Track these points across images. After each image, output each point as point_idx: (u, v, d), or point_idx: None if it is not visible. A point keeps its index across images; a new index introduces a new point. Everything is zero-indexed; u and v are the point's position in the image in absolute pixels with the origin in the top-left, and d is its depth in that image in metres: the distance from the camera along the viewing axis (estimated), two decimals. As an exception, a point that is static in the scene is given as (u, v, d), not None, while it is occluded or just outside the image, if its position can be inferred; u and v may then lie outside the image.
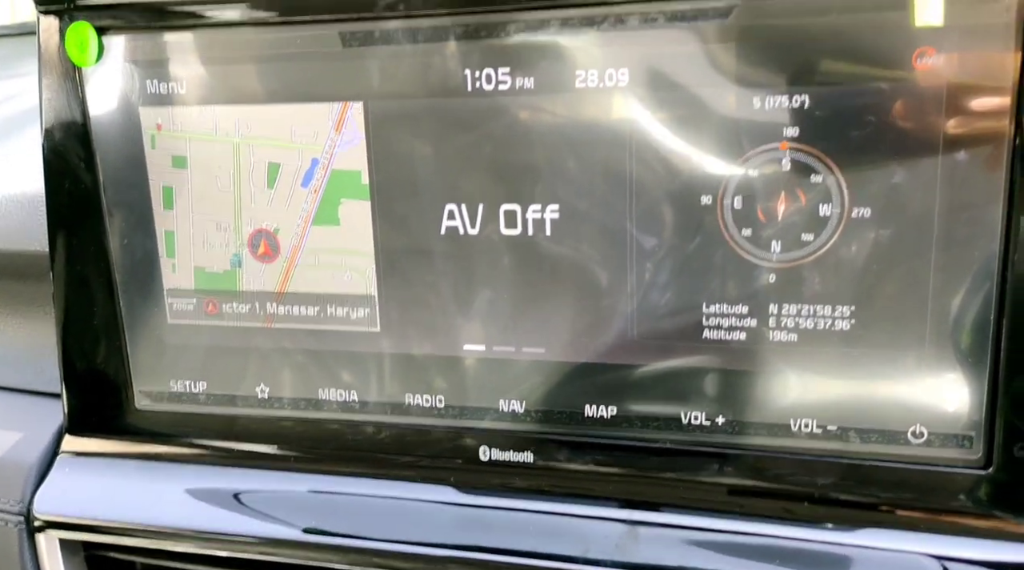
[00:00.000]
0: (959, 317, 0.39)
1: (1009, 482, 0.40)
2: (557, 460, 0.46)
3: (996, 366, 0.39)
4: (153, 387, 0.52)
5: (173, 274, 0.50)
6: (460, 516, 0.47)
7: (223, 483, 0.50)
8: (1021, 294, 0.38)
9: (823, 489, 0.42)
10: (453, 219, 0.45)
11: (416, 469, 0.48)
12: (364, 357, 0.48)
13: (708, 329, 0.43)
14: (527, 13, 0.42)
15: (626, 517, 0.45)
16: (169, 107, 0.48)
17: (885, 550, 0.41)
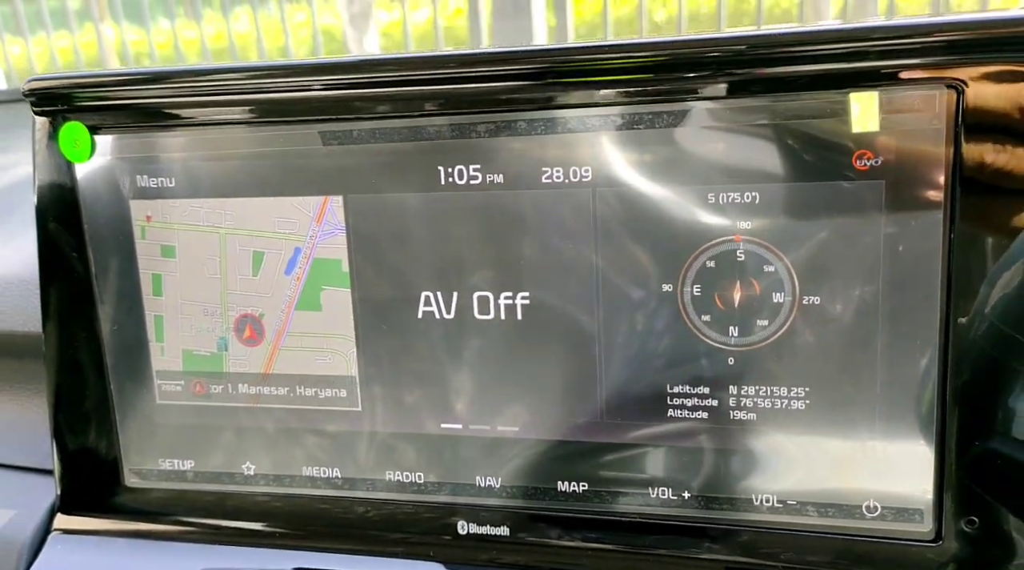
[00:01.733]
0: (906, 398, 0.42)
1: (958, 555, 0.42)
2: (532, 533, 0.48)
3: (943, 443, 0.41)
4: (143, 465, 0.54)
5: (162, 357, 0.52)
6: (439, 592, 0.48)
7: (210, 562, 0.51)
8: (962, 376, 0.40)
9: (785, 561, 0.44)
10: (429, 305, 0.48)
11: (397, 545, 0.50)
12: (346, 435, 0.50)
13: (672, 409, 0.45)
14: (495, 115, 0.44)
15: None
16: (158, 200, 0.50)
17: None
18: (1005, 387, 0.40)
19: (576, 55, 0.42)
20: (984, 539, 0.41)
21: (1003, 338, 0.40)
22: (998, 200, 0.39)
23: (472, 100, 0.44)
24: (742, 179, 0.42)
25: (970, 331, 0.40)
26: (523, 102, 0.44)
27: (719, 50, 0.40)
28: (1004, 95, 0.38)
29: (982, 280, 0.39)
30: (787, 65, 0.40)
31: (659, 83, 0.42)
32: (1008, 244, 0.39)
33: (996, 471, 0.41)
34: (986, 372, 0.40)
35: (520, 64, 0.43)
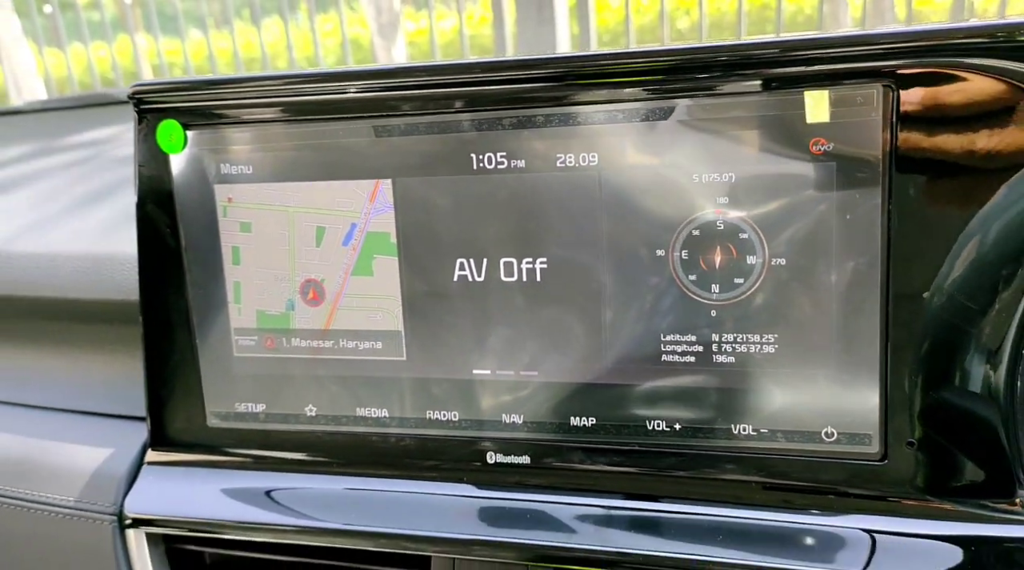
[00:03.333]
0: (855, 342, 0.51)
1: (901, 469, 0.51)
2: (549, 461, 0.57)
3: (886, 380, 0.50)
4: (222, 408, 0.64)
5: (239, 316, 0.62)
6: (471, 507, 0.58)
7: (279, 484, 0.61)
8: (900, 323, 0.49)
9: (758, 479, 0.53)
10: (463, 270, 0.57)
11: (436, 471, 0.59)
12: (393, 381, 0.60)
13: (665, 354, 0.54)
14: (517, 111, 0.54)
15: (605, 504, 0.56)
16: (237, 184, 0.60)
17: (809, 526, 0.52)
18: (936, 333, 0.49)
19: (584, 63, 0.52)
20: (921, 456, 0.50)
21: (933, 291, 0.49)
22: (926, 176, 0.48)
23: (498, 99, 0.54)
24: (720, 163, 0.51)
25: (905, 286, 0.49)
26: (541, 101, 0.53)
27: (700, 58, 0.50)
28: (930, 92, 0.47)
29: (915, 243, 0.48)
30: (754, 70, 0.49)
31: (653, 85, 0.51)
32: (935, 213, 0.48)
33: (930, 402, 0.50)
34: (920, 320, 0.49)
35: (538, 70, 0.52)
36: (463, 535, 0.56)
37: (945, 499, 0.50)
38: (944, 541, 0.49)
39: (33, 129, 1.16)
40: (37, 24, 3.54)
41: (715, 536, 0.53)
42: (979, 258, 0.48)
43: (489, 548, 0.56)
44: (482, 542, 0.56)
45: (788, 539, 0.52)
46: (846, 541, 0.51)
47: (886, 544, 0.51)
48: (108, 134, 1.09)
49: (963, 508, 0.50)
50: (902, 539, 0.50)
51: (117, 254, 0.71)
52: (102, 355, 0.73)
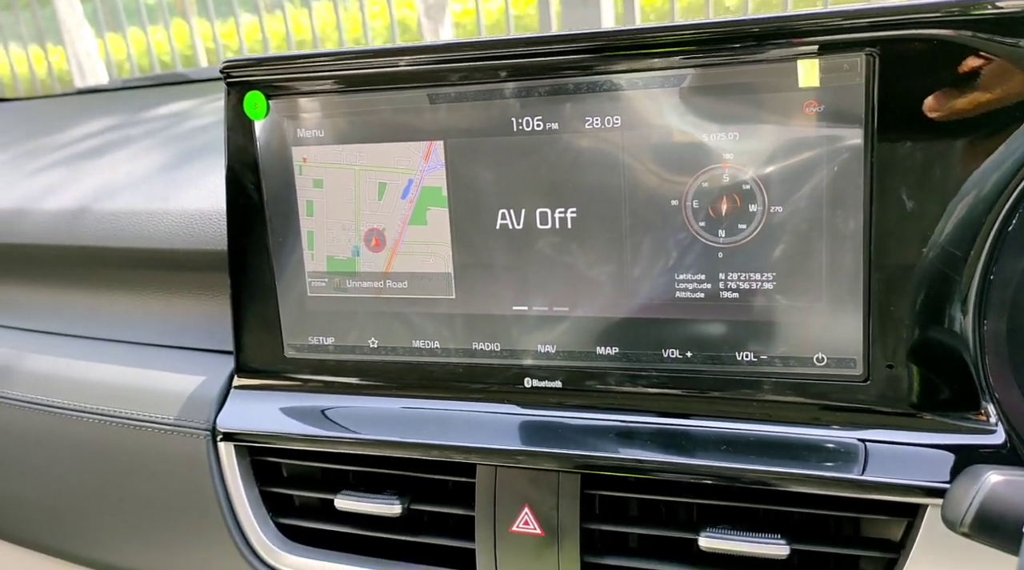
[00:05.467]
0: (843, 278, 0.58)
1: (882, 388, 0.58)
2: (578, 384, 0.66)
3: (868, 311, 0.58)
4: (297, 341, 0.74)
5: (312, 261, 0.72)
6: (511, 424, 0.67)
7: (344, 404, 0.71)
8: (881, 261, 0.57)
9: (760, 398, 0.62)
10: (504, 219, 0.66)
11: (480, 393, 0.68)
12: (443, 317, 0.69)
13: (679, 291, 0.63)
14: (551, 81, 0.62)
15: (626, 420, 0.64)
16: (311, 146, 0.70)
17: (805, 436, 0.60)
18: (912, 270, 0.57)
19: (609, 38, 0.60)
20: (899, 377, 0.58)
21: (910, 233, 0.56)
22: (904, 132, 0.55)
23: (535, 70, 0.62)
24: (726, 124, 0.59)
25: (885, 230, 0.57)
26: (572, 71, 0.62)
27: (709, 33, 0.58)
28: (906, 59, 0.54)
29: (894, 192, 0.56)
30: (755, 42, 0.57)
31: (668, 57, 0.59)
32: (912, 165, 0.55)
33: (906, 331, 0.57)
34: (898, 260, 0.57)
35: (569, 44, 0.61)
36: (504, 446, 0.65)
37: (922, 412, 0.58)
38: (923, 447, 0.57)
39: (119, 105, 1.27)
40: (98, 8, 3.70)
41: (721, 446, 0.62)
42: (952, 208, 0.55)
43: (527, 457, 0.65)
44: (521, 452, 0.65)
45: (787, 448, 0.60)
46: (839, 449, 0.59)
47: (874, 451, 0.59)
48: (185, 107, 1.20)
49: (937, 419, 0.57)
50: (887, 447, 0.58)
51: (206, 209, 0.81)
52: (194, 298, 0.84)
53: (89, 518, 0.83)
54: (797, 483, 0.59)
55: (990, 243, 0.55)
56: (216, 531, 0.75)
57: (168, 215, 0.83)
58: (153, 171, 0.93)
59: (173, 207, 0.83)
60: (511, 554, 0.67)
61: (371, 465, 0.71)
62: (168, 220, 0.82)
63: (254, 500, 0.74)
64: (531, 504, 0.66)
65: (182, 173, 0.90)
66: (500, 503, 0.66)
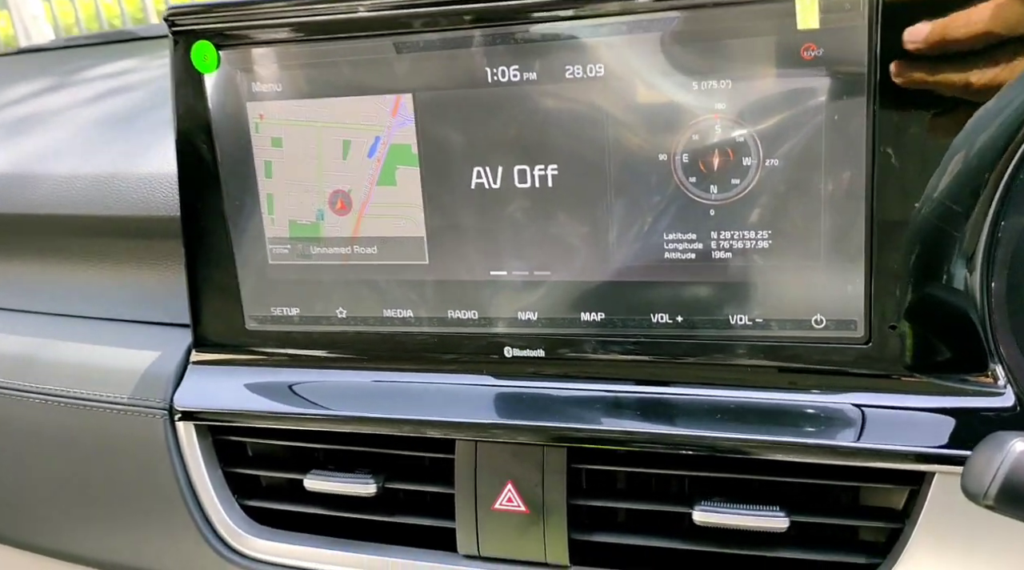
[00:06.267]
0: (843, 235, 0.55)
1: (883, 351, 0.55)
2: (562, 353, 0.62)
3: (870, 270, 0.55)
4: (259, 312, 0.69)
5: (272, 226, 0.67)
6: (492, 396, 0.63)
7: (312, 379, 0.67)
8: (884, 217, 0.53)
9: (755, 364, 0.58)
10: (480, 177, 0.61)
11: (457, 364, 0.64)
12: (417, 284, 0.65)
13: (668, 252, 0.59)
14: (528, 26, 0.57)
15: (614, 390, 0.61)
16: (268, 101, 0.64)
17: (803, 403, 0.57)
18: (916, 227, 0.53)
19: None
20: (902, 339, 0.55)
21: (915, 187, 0.53)
22: (909, 79, 0.51)
23: (510, 15, 0.57)
24: (718, 71, 0.55)
25: (889, 183, 0.53)
26: (550, 16, 0.57)
27: (699, -31, 0.53)
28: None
29: (899, 144, 0.52)
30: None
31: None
32: (918, 114, 0.52)
33: (909, 290, 0.54)
34: (901, 216, 0.53)
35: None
36: (484, 420, 0.62)
37: (925, 375, 0.55)
38: (926, 412, 0.54)
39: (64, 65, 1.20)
40: (44, -30, 3.55)
41: (714, 415, 0.58)
42: (958, 161, 0.52)
43: (509, 431, 0.61)
44: (502, 426, 0.61)
45: (785, 416, 0.57)
46: (838, 415, 0.56)
47: (875, 417, 0.56)
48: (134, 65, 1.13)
49: (941, 382, 0.54)
50: (889, 412, 0.55)
51: (159, 173, 0.75)
52: (148, 268, 0.78)
53: (43, 506, 0.78)
54: (796, 452, 0.56)
55: (998, 198, 0.52)
56: (178, 516, 0.70)
57: (118, 180, 0.77)
58: (101, 133, 0.86)
59: (124, 171, 0.78)
60: (494, 533, 0.63)
61: (342, 443, 0.67)
62: (118, 185, 0.77)
63: (218, 482, 0.70)
64: (514, 480, 0.62)
65: (133, 135, 0.84)
66: (481, 480, 0.63)
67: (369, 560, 0.66)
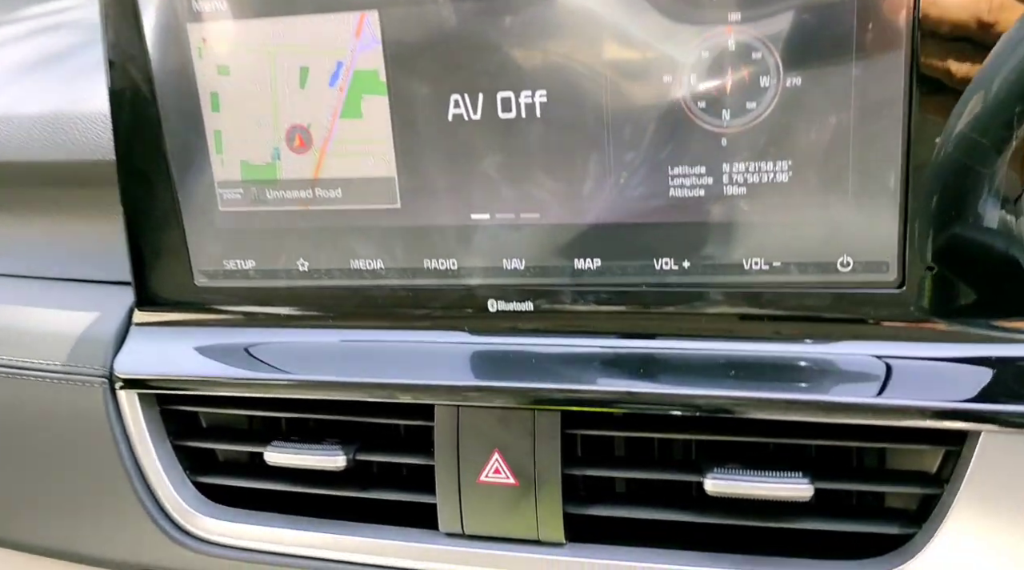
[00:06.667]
0: (875, 165, 0.48)
1: (919, 296, 0.49)
2: (553, 306, 0.55)
3: (905, 204, 0.48)
4: (209, 266, 0.61)
5: (222, 168, 0.59)
6: (474, 355, 0.56)
7: (271, 339, 0.60)
8: (924, 144, 0.47)
9: (771, 313, 0.52)
10: (458, 107, 0.54)
11: (435, 320, 0.57)
12: (388, 231, 0.57)
13: (673, 189, 0.52)
14: (514, -75, 0.50)
15: (613, 345, 0.54)
16: (212, 22, 0.56)
17: (823, 356, 0.51)
18: (957, 157, 0.47)
19: None
20: (938, 282, 0.48)
21: (961, 108, 0.46)
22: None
23: (492, -86, 0.50)
24: (733, -26, 0.47)
25: (930, 102, 0.46)
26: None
27: None
28: None
29: (943, 54, 0.45)
30: None
31: None
32: (965, 19, 0.45)
33: (948, 228, 0.48)
34: (942, 143, 0.47)
35: None
36: (467, 382, 0.55)
37: (965, 322, 0.49)
38: (968, 363, 0.48)
39: None
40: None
41: (727, 372, 0.52)
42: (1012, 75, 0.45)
43: (495, 394, 0.55)
44: (487, 388, 0.55)
45: (805, 371, 0.51)
46: (866, 369, 0.50)
47: (908, 370, 0.50)
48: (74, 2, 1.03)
49: (979, 330, 0.49)
50: (918, 363, 0.50)
51: (92, 111, 0.67)
52: (82, 220, 0.70)
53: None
54: (819, 412, 0.50)
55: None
56: (123, 496, 0.63)
57: (46, 120, 0.68)
58: (25, 67, 0.77)
59: (51, 110, 0.69)
60: (479, 508, 0.57)
61: (307, 410, 0.61)
62: (46, 126, 0.68)
63: (166, 457, 0.63)
64: (501, 449, 0.56)
65: (61, 69, 0.75)
66: (464, 449, 0.56)
67: (339, 540, 0.60)
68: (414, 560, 0.59)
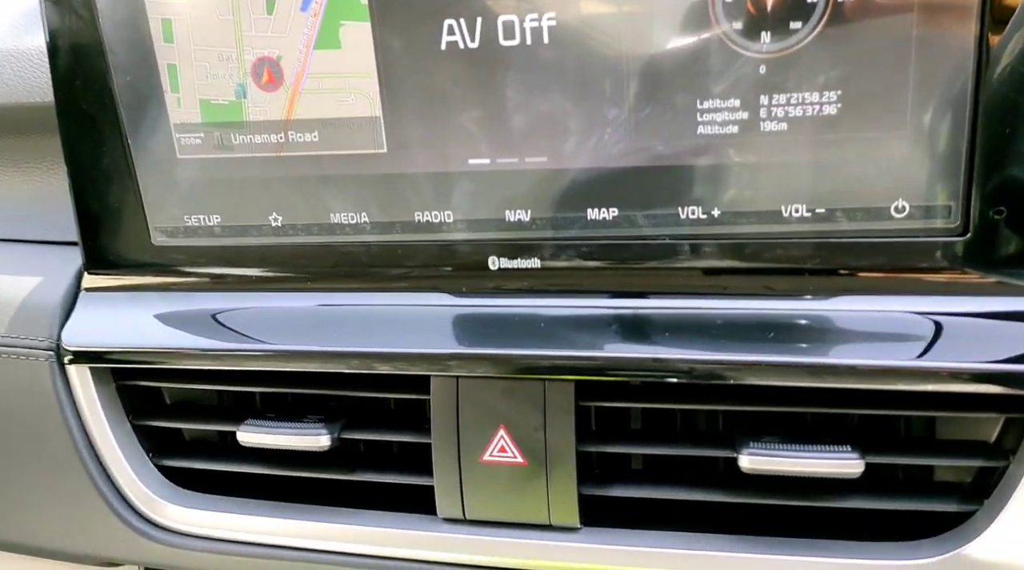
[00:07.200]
0: (939, 94, 0.42)
1: (985, 244, 0.43)
2: (563, 263, 0.49)
3: (973, 139, 0.42)
4: (168, 223, 0.54)
5: (179, 109, 0.52)
6: (475, 320, 0.50)
7: (242, 305, 0.53)
8: (998, 71, 0.41)
9: (813, 267, 0.46)
10: (452, 34, 0.47)
11: (428, 280, 0.51)
12: (373, 179, 0.50)
13: (702, 125, 0.45)
14: None
15: (632, 306, 0.48)
16: (163, -64, 0.48)
17: (878, 314, 0.45)
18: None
19: None
20: (1009, 227, 0.42)
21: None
22: None
23: None
24: None
25: (1007, 27, 0.40)
26: None
27: None
28: None
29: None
30: None
31: None
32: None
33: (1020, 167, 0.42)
34: (1019, 70, 0.40)
35: None
36: (467, 349, 0.49)
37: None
38: (1022, 320, 0.43)
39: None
40: None
41: (764, 333, 0.46)
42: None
43: (499, 363, 0.49)
44: (490, 357, 0.49)
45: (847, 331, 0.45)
46: (913, 328, 0.45)
47: (960, 327, 0.45)
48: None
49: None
50: (978, 321, 0.45)
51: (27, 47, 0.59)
52: (21, 173, 0.63)
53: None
54: (869, 378, 0.44)
55: None
56: (78, 482, 0.57)
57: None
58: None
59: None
60: (482, 490, 0.51)
61: (284, 384, 0.54)
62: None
63: (125, 438, 0.57)
64: (507, 424, 0.50)
65: None
66: (465, 425, 0.51)
67: (325, 528, 0.54)
68: (409, 549, 0.53)
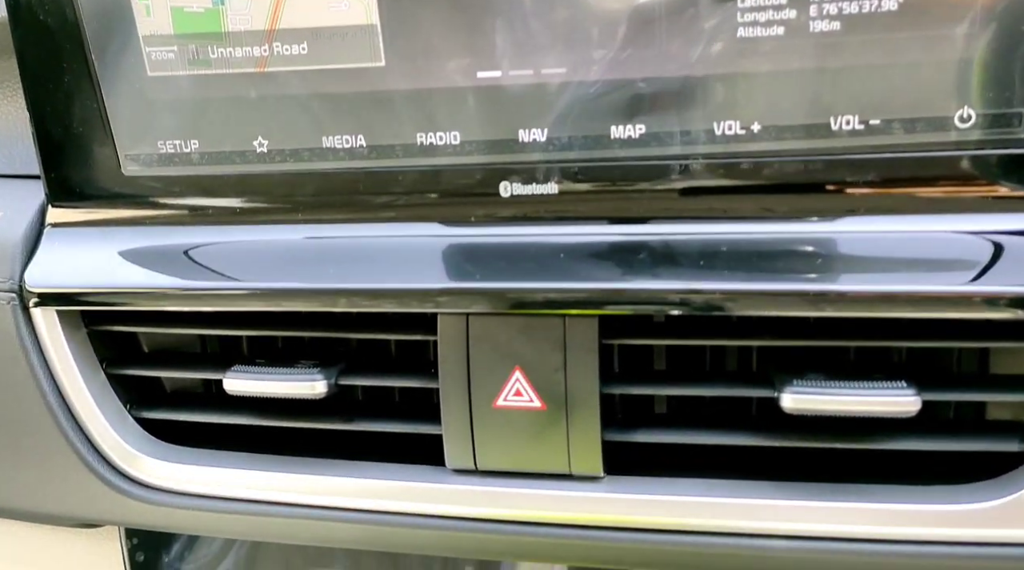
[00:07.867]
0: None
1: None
2: (583, 187, 0.44)
3: (1051, 37, 0.37)
4: (140, 150, 0.49)
5: (148, 18, 0.46)
6: (484, 251, 0.45)
7: (224, 239, 0.48)
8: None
9: (868, 184, 0.41)
10: (459, -75, 0.41)
11: (433, 209, 0.46)
12: (369, 97, 0.45)
13: (743, 27, 0.41)
14: None
15: (663, 232, 0.44)
16: None
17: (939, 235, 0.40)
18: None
19: None
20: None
21: None
22: None
23: None
24: None
25: None
26: None
27: None
28: None
29: None
30: None
31: None
32: None
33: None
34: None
35: None
36: (477, 284, 0.44)
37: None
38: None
39: None
40: None
41: (811, 261, 0.41)
42: None
43: (514, 298, 0.45)
44: (504, 291, 0.45)
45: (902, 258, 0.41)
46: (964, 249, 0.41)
47: (1017, 247, 0.40)
48: None
49: None
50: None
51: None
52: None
53: None
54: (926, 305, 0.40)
55: None
56: (49, 436, 0.53)
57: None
58: None
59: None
60: (496, 438, 0.47)
61: (275, 326, 0.51)
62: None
63: (99, 389, 0.53)
64: (523, 366, 0.46)
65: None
66: (476, 368, 0.47)
67: (322, 482, 0.50)
68: (415, 502, 0.49)
